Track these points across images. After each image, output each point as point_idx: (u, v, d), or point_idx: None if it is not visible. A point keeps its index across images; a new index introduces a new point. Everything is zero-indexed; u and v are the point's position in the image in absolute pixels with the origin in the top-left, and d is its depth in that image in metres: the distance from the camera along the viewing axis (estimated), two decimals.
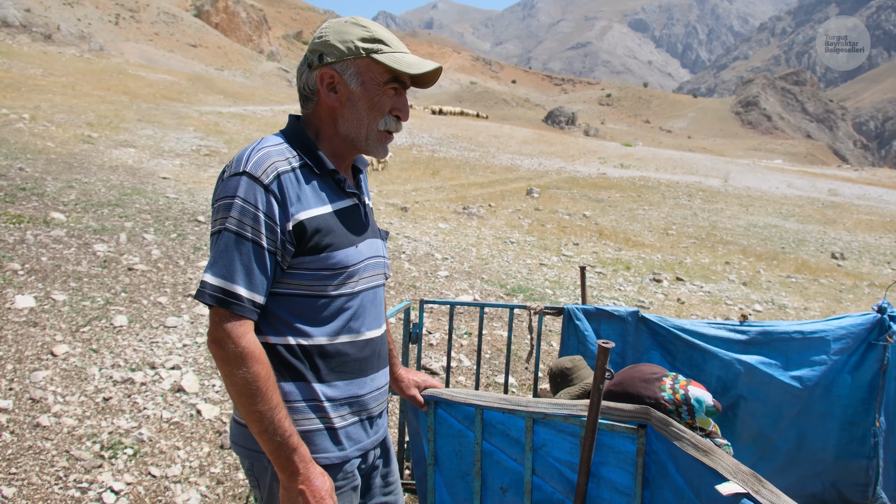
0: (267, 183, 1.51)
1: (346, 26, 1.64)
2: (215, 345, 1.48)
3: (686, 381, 2.35)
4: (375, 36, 1.62)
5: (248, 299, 1.49)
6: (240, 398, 1.48)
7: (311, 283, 1.60)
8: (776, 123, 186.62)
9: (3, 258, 6.21)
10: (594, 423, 1.67)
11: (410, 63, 1.62)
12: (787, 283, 11.81)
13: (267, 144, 1.59)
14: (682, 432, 1.64)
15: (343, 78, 1.62)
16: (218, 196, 1.54)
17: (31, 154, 12.99)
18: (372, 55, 1.61)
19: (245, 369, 1.46)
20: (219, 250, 1.49)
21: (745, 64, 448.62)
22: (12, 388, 3.91)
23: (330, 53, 1.62)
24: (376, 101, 1.65)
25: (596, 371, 1.63)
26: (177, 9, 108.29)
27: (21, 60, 36.38)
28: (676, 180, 31.02)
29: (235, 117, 31.11)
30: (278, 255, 1.54)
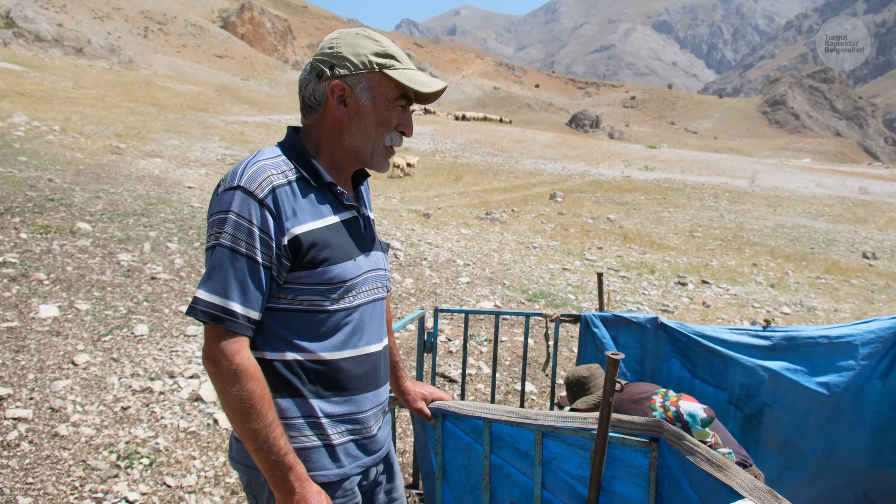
0: (261, 197, 1.48)
1: (358, 39, 1.61)
2: (209, 361, 1.46)
3: (677, 397, 2.28)
4: (388, 51, 1.61)
5: (242, 315, 1.46)
6: (234, 416, 1.46)
7: (308, 297, 1.56)
8: (804, 122, 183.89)
9: (29, 268, 6.28)
10: (604, 436, 1.61)
11: (421, 81, 1.62)
12: (816, 285, 11.58)
13: (262, 157, 1.56)
14: (696, 446, 1.58)
15: (354, 91, 1.60)
16: (212, 211, 1.51)
17: (61, 165, 13.20)
18: (384, 70, 1.60)
19: (239, 387, 1.44)
20: (213, 266, 1.46)
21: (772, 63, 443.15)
22: (33, 397, 3.94)
23: (342, 66, 1.59)
24: (385, 117, 1.63)
25: (606, 383, 1.58)
26: (204, 21, 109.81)
27: (53, 74, 37.09)
28: (702, 182, 30.68)
29: (260, 126, 31.40)
30: (274, 270, 1.51)
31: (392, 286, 8.07)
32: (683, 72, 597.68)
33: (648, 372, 3.36)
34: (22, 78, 31.36)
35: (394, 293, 7.79)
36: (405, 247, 10.64)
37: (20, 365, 4.31)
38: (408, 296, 7.77)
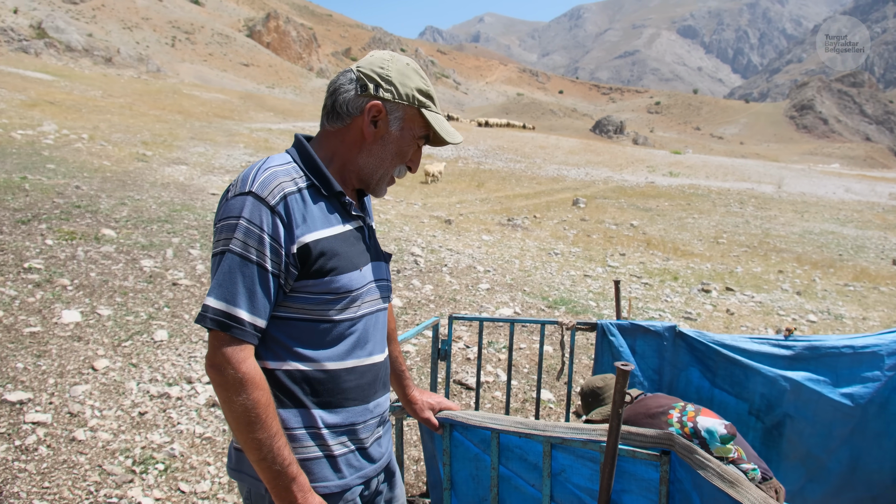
0: (273, 204, 1.47)
1: (408, 70, 1.63)
2: (214, 370, 1.44)
3: (695, 412, 2.21)
4: (429, 92, 1.65)
5: (249, 323, 1.45)
6: (238, 425, 1.44)
7: (313, 306, 1.55)
8: (833, 126, 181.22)
9: (53, 274, 6.37)
10: (614, 448, 1.57)
11: (447, 131, 1.67)
12: (844, 292, 11.37)
13: (273, 164, 1.55)
14: (707, 461, 1.53)
15: (388, 116, 1.61)
16: (221, 216, 1.49)
17: (88, 172, 13.39)
18: (422, 109, 1.63)
19: (245, 396, 1.42)
20: (222, 272, 1.45)
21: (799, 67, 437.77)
22: (52, 402, 3.97)
23: (387, 89, 1.60)
24: (404, 150, 1.67)
25: (615, 394, 1.54)
26: (230, 29, 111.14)
27: (82, 83, 37.75)
28: (727, 187, 30.35)
29: (285, 133, 31.66)
30: (281, 277, 1.49)
31: (411, 292, 8.07)
32: (709, 77, 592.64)
33: (666, 381, 3.30)
34: (52, 87, 31.94)
35: (413, 299, 7.77)
36: (426, 253, 10.63)
37: (41, 370, 4.35)
38: (427, 302, 7.76)
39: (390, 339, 1.96)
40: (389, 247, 10.69)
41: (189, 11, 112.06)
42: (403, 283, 8.47)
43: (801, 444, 3.15)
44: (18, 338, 4.78)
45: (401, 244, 11.10)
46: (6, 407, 3.81)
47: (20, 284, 5.93)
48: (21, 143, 15.65)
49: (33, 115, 20.98)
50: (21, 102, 23.71)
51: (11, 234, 7.57)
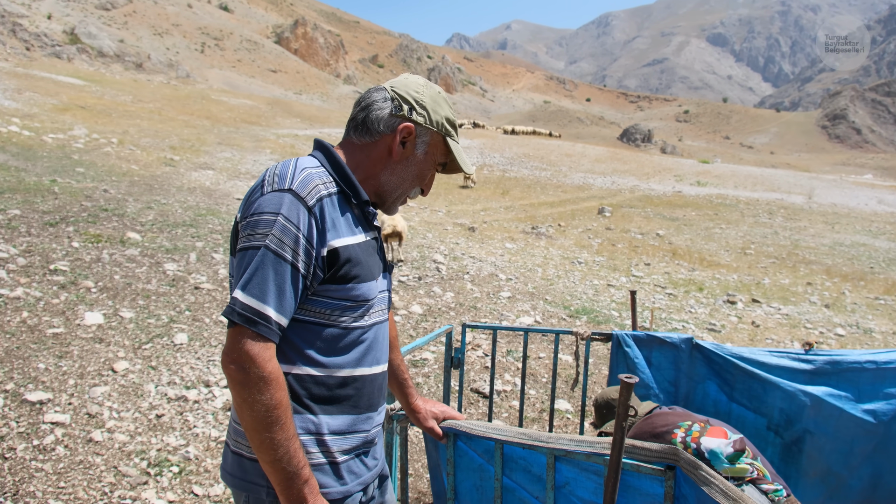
0: (311, 205, 1.48)
1: (439, 98, 1.70)
2: (236, 366, 1.41)
3: (700, 432, 2.11)
4: (455, 122, 1.74)
5: (276, 322, 1.44)
6: (257, 425, 1.42)
7: (330, 312, 1.56)
8: (866, 137, 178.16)
9: (78, 276, 6.46)
10: (617, 462, 1.54)
11: (464, 161, 1.76)
12: (874, 306, 11.14)
13: (308, 165, 1.55)
14: (712, 477, 1.50)
15: (416, 139, 1.66)
16: (255, 210, 1.48)
17: (116, 176, 13.60)
18: (447, 137, 1.71)
19: (269, 395, 1.41)
20: (255, 267, 1.43)
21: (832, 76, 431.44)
22: (71, 402, 4.02)
23: (421, 114, 1.65)
24: (424, 173, 1.72)
25: (618, 407, 1.52)
26: (258, 36, 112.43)
27: (113, 88, 38.39)
28: (756, 197, 29.97)
29: (311, 139, 31.70)
30: (308, 279, 1.50)
31: (432, 300, 8.06)
32: (739, 85, 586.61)
33: (682, 394, 3.25)
34: (84, 92, 32.52)
35: (433, 306, 7.76)
36: (448, 260, 10.62)
37: (62, 370, 4.41)
38: (447, 309, 7.74)
39: (392, 346, 1.97)
40: (412, 254, 10.70)
41: (218, 18, 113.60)
42: (424, 291, 8.47)
43: (821, 461, 3.08)
44: (41, 338, 4.85)
45: (423, 251, 11.10)
46: (26, 406, 3.86)
47: (45, 286, 6.02)
48: (52, 146, 15.95)
49: (64, 120, 21.37)
50: (53, 107, 24.17)
51: (39, 236, 7.70)
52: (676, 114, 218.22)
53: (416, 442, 4.25)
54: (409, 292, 8.28)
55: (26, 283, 5.97)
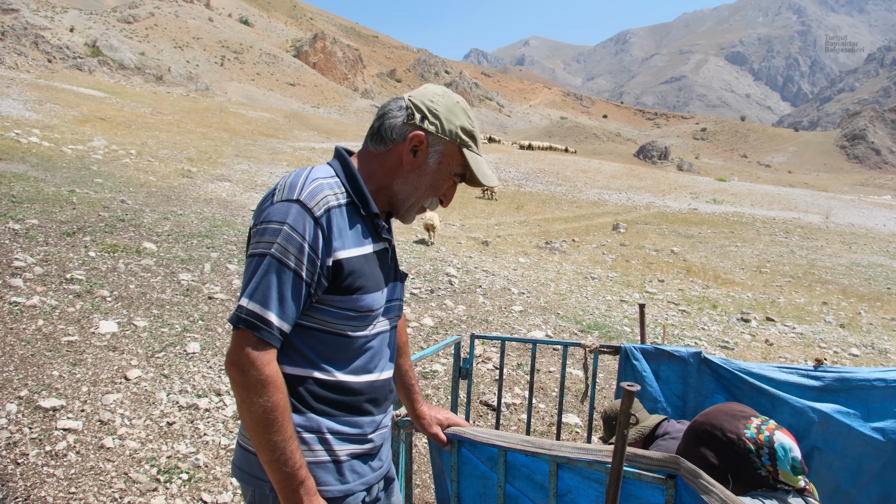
0: (318, 215, 1.51)
1: (456, 108, 1.67)
2: (236, 369, 1.46)
3: (775, 426, 2.10)
4: (473, 132, 1.69)
5: (277, 327, 1.49)
6: (255, 426, 1.47)
7: (334, 320, 1.59)
8: (886, 157, 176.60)
9: (94, 285, 6.53)
10: (618, 470, 1.55)
11: (484, 174, 1.70)
12: (890, 327, 11.02)
13: (319, 175, 1.58)
14: (712, 486, 1.50)
15: (429, 149, 1.65)
16: (265, 218, 1.52)
17: (134, 187, 13.76)
18: (463, 148, 1.67)
19: (266, 397, 1.45)
20: (260, 275, 1.48)
21: (852, 96, 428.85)
22: (84, 409, 4.07)
23: (433, 123, 1.64)
24: (439, 184, 1.70)
25: (620, 415, 1.52)
26: (278, 50, 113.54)
27: (133, 100, 38.89)
28: (773, 216, 29.79)
29: (327, 153, 32.08)
30: (312, 287, 1.53)
31: (444, 312, 8.08)
32: (757, 104, 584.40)
33: (691, 408, 3.24)
34: (104, 104, 32.97)
35: (445, 320, 7.77)
36: (461, 274, 10.64)
37: (76, 378, 4.46)
38: (459, 322, 7.75)
39: (401, 352, 2.00)
40: (425, 266, 10.73)
41: (238, 32, 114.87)
42: (436, 303, 8.49)
43: (829, 478, 3.06)
44: (56, 346, 4.91)
45: (436, 264, 11.13)
46: (40, 413, 3.91)
47: (61, 294, 6.10)
48: (71, 157, 16.17)
49: (84, 131, 21.67)
50: (73, 118, 24.52)
51: (56, 245, 7.80)
52: (693, 131, 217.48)
53: (424, 452, 4.25)
54: (420, 305, 8.30)
55: (42, 292, 6.05)
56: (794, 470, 2.05)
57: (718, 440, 2.09)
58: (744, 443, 2.05)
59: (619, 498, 1.67)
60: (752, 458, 2.04)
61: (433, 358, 6.29)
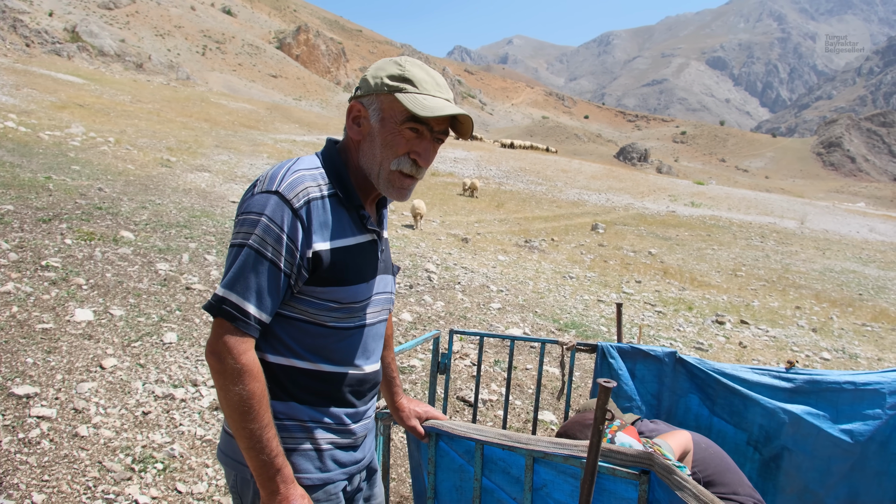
0: (297, 207, 1.50)
1: (385, 63, 1.62)
2: (214, 357, 1.47)
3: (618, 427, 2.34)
4: (405, 75, 1.57)
5: (255, 317, 1.49)
6: (232, 413, 1.47)
7: (316, 311, 1.59)
8: (860, 165, 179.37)
9: (70, 273, 6.46)
10: (593, 465, 1.58)
11: (426, 106, 1.54)
12: (861, 332, 11.22)
13: (302, 167, 1.58)
14: (685, 481, 1.53)
15: (368, 112, 1.61)
16: (245, 209, 1.52)
17: (112, 175, 13.61)
18: (395, 93, 1.56)
19: (242, 386, 1.46)
20: (238, 265, 1.48)
21: (829, 104, 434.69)
22: (58, 397, 4.03)
23: (363, 87, 1.61)
24: (390, 140, 1.59)
25: (596, 411, 1.55)
26: (260, 41, 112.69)
27: (112, 87, 38.41)
28: (749, 220, 30.15)
29: (308, 145, 31.93)
30: (292, 278, 1.53)
31: (422, 308, 8.09)
32: (737, 109, 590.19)
33: (665, 407, 3.29)
34: (83, 90, 32.53)
35: (423, 315, 7.79)
36: (440, 270, 10.66)
37: (50, 365, 4.42)
38: (437, 318, 7.77)
39: (385, 345, 2.00)
40: (404, 262, 10.73)
41: (221, 21, 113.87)
42: (415, 299, 8.50)
43: (798, 478, 3.12)
44: (30, 333, 4.86)
45: (416, 260, 11.14)
46: (13, 400, 3.87)
47: (36, 281, 6.03)
48: (48, 143, 15.95)
49: (62, 117, 21.37)
50: (51, 104, 24.18)
51: (32, 231, 7.71)
52: (673, 134, 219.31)
53: (400, 447, 4.27)
54: (399, 300, 8.31)
55: (17, 279, 5.98)
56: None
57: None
58: None
59: (594, 493, 1.70)
60: None
61: (411, 353, 6.30)
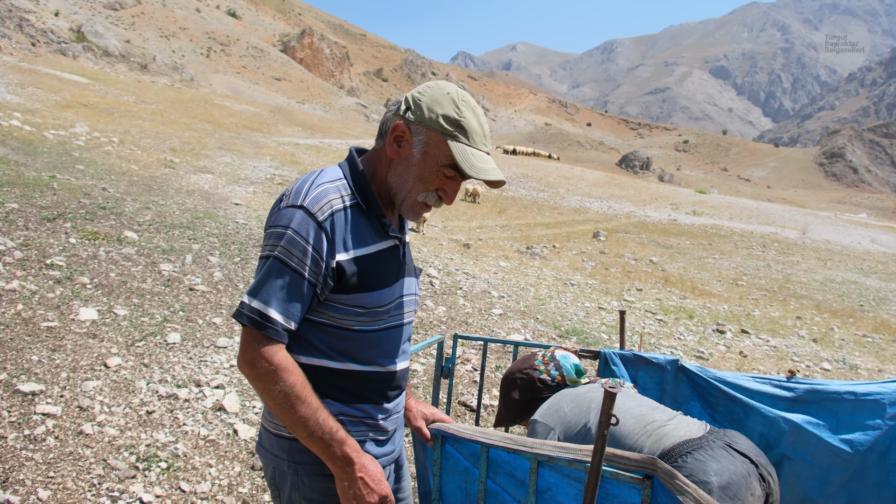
0: (321, 220, 1.57)
1: (444, 98, 1.64)
2: (248, 365, 1.55)
3: (555, 348, 2.81)
4: (461, 123, 1.62)
5: (281, 325, 1.55)
6: (282, 410, 1.55)
7: (343, 317, 1.66)
8: (863, 176, 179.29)
9: (74, 272, 6.50)
10: (597, 469, 1.61)
11: (474, 165, 1.61)
12: (862, 343, 11.23)
13: (325, 180, 1.64)
14: (686, 485, 1.56)
15: (413, 140, 1.65)
16: (272, 223, 1.60)
17: (116, 175, 13.64)
18: (447, 138, 1.62)
19: (281, 383, 1.53)
20: (263, 275, 1.56)
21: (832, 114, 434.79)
22: (63, 395, 4.06)
23: (415, 113, 1.64)
24: (426, 176, 1.66)
25: (601, 416, 1.58)
26: (265, 44, 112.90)
27: (117, 87, 38.50)
28: (751, 230, 30.18)
29: (311, 149, 32.00)
30: (318, 287, 1.60)
31: (424, 313, 8.11)
32: (739, 118, 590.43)
33: None
34: (87, 90, 32.61)
35: (425, 320, 7.81)
36: (441, 275, 10.69)
37: (55, 363, 4.44)
38: (439, 323, 7.80)
39: None
40: None
41: (226, 24, 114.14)
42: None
43: (798, 487, 3.14)
44: (35, 331, 4.89)
45: (417, 265, 11.15)
46: (18, 397, 3.90)
47: (41, 280, 6.06)
48: (53, 142, 16.00)
49: (66, 117, 21.43)
50: (56, 103, 24.24)
51: (37, 230, 7.74)
52: (676, 143, 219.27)
53: (407, 447, 4.29)
54: None
55: (22, 277, 6.01)
56: (577, 373, 2.71)
57: (517, 379, 2.75)
58: (533, 369, 2.73)
59: (598, 496, 1.73)
60: (543, 377, 2.71)
61: (413, 357, 6.33)
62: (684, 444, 2.15)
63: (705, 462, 2.07)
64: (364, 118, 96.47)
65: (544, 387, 2.70)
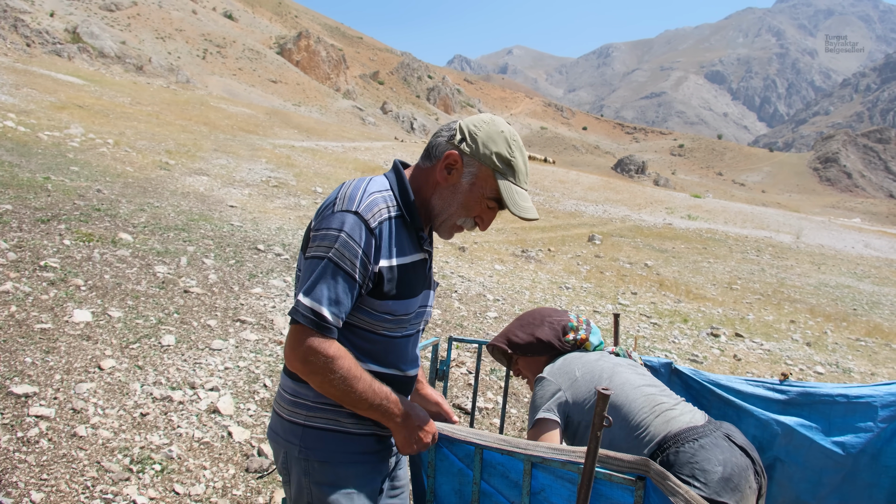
0: (373, 227, 1.67)
1: (498, 136, 1.76)
2: (301, 362, 1.63)
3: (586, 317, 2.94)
4: (512, 163, 1.76)
5: (332, 322, 1.63)
6: (344, 393, 1.67)
7: (372, 321, 1.76)
8: (856, 181, 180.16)
9: (68, 273, 6.48)
10: (591, 471, 1.62)
11: (517, 204, 1.76)
12: (855, 347, 11.27)
13: (375, 189, 1.74)
14: (678, 487, 1.57)
15: (463, 170, 1.77)
16: (324, 226, 1.68)
17: (111, 177, 13.62)
18: (496, 174, 1.76)
19: (340, 370, 1.64)
20: (317, 276, 1.64)
21: (826, 119, 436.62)
22: (57, 397, 4.05)
23: (469, 145, 1.75)
24: (471, 205, 1.80)
25: (595, 417, 1.59)
26: (261, 46, 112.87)
27: (112, 89, 38.43)
28: (745, 234, 30.26)
29: (307, 151, 31.97)
30: (363, 289, 1.69)
31: None
32: (734, 123, 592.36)
33: None
34: (82, 91, 32.55)
35: None
36: (437, 278, 10.69)
37: (49, 365, 4.44)
38: (433, 326, 7.80)
39: None
40: None
41: (222, 26, 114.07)
42: None
43: (790, 489, 3.15)
44: (29, 333, 4.88)
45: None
46: (11, 399, 3.89)
47: (35, 282, 6.05)
48: (47, 144, 15.96)
49: (61, 118, 21.38)
50: (50, 104, 24.19)
51: (31, 232, 7.73)
52: (671, 147, 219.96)
53: None
54: None
55: (16, 278, 6.00)
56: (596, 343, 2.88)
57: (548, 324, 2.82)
58: (567, 322, 2.82)
59: (591, 497, 1.74)
60: (569, 333, 2.79)
61: None
62: (689, 431, 2.19)
63: (710, 451, 2.11)
64: (360, 121, 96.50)
65: (563, 343, 2.77)
